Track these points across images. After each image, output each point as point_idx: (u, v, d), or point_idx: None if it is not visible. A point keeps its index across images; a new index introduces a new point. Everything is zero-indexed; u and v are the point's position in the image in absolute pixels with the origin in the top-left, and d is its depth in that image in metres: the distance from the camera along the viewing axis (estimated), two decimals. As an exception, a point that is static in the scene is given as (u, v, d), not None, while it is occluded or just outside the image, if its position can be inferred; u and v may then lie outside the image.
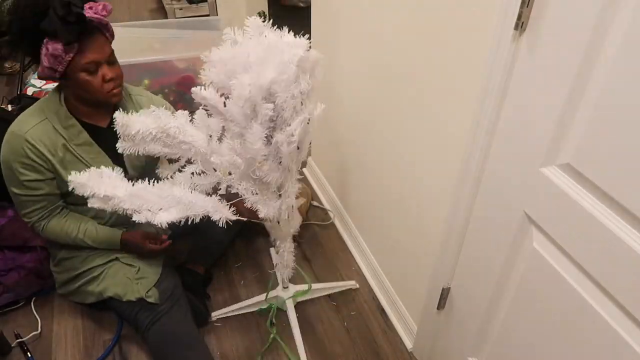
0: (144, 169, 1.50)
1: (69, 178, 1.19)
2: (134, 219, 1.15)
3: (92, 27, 1.22)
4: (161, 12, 4.06)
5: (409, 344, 1.62)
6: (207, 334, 1.63)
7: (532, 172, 0.91)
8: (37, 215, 1.40)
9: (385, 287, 1.73)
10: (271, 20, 1.08)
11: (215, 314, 1.68)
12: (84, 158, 1.39)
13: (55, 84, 1.37)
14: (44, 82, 2.58)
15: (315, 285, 1.72)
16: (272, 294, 1.66)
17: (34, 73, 2.70)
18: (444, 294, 1.34)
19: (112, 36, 1.31)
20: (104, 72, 1.29)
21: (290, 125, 1.06)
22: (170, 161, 1.39)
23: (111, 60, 1.31)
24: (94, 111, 1.38)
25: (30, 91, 2.47)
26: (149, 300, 1.43)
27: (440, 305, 1.37)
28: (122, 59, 1.40)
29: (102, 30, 1.26)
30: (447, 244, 1.25)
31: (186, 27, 3.14)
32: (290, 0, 4.18)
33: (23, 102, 2.18)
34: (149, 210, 1.16)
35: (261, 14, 3.28)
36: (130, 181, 1.35)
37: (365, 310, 1.74)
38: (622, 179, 0.75)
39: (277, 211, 1.25)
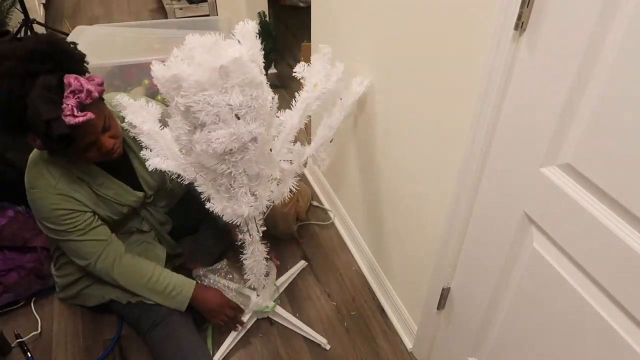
0: (159, 187, 1.52)
1: (116, 98, 1.26)
2: (142, 152, 1.32)
3: (73, 140, 1.12)
4: (161, 12, 4.06)
5: (409, 344, 1.62)
6: (206, 335, 1.63)
7: (532, 172, 0.91)
8: (96, 252, 1.36)
9: (385, 287, 1.73)
10: (259, 31, 1.03)
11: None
12: (109, 196, 1.38)
13: None
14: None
15: (283, 312, 1.67)
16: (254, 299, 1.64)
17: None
18: (444, 294, 1.34)
19: (101, 98, 1.19)
20: (100, 144, 1.22)
21: (210, 132, 1.00)
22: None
23: (106, 127, 1.22)
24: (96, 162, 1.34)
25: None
26: (148, 302, 1.43)
27: (440, 305, 1.37)
28: (122, 59, 1.40)
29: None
30: (447, 244, 1.25)
31: (186, 27, 3.13)
32: (290, 0, 4.18)
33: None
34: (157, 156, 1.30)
35: (261, 14, 3.26)
36: (149, 198, 1.50)
37: (365, 310, 1.74)
38: (622, 179, 0.75)
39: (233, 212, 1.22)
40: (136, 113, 1.31)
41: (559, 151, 0.85)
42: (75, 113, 1.09)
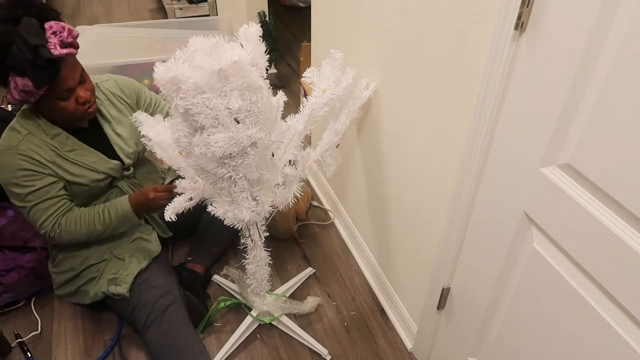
0: (138, 154, 1.53)
1: (135, 115, 1.31)
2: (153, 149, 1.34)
3: (59, 72, 1.19)
4: (161, 12, 4.06)
5: (409, 344, 1.62)
6: (206, 334, 1.63)
7: (532, 172, 0.91)
8: (51, 221, 1.37)
9: (385, 287, 1.73)
10: (262, 31, 1.03)
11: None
12: (79, 161, 1.39)
13: None
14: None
15: (287, 321, 1.65)
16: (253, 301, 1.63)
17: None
18: (444, 294, 1.34)
19: (77, 48, 1.25)
20: (77, 95, 1.28)
21: (209, 136, 1.00)
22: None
23: (82, 79, 1.29)
24: (71, 120, 1.36)
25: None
26: (119, 290, 1.45)
27: (440, 305, 1.37)
28: (122, 59, 1.41)
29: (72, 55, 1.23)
30: (447, 244, 1.25)
31: (186, 27, 3.14)
32: (290, 0, 4.18)
33: None
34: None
35: (261, 14, 3.26)
36: (128, 170, 1.52)
37: (365, 310, 1.74)
38: (622, 179, 0.75)
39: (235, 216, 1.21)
40: (149, 125, 1.34)
41: (559, 151, 0.85)
42: (59, 48, 1.17)
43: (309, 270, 1.85)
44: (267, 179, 1.17)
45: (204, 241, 1.79)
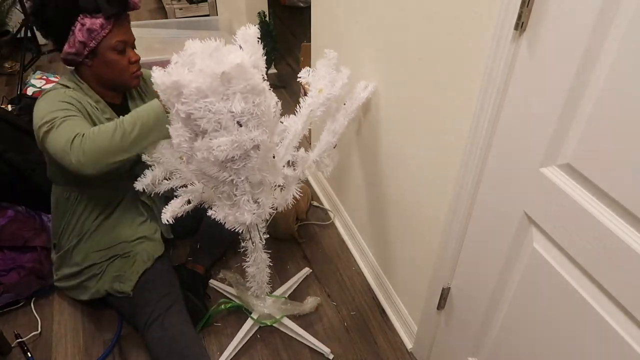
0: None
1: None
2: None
3: (126, 7, 1.29)
4: (161, 12, 4.07)
5: (409, 344, 1.62)
6: (207, 335, 1.63)
7: (532, 172, 0.91)
8: (78, 136, 1.24)
9: (385, 287, 1.73)
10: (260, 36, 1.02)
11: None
12: None
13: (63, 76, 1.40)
14: (44, 82, 2.58)
15: (289, 322, 1.64)
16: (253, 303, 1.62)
17: (33, 73, 2.70)
18: (444, 294, 1.34)
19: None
20: (130, 54, 1.36)
21: (211, 140, 0.99)
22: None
23: (134, 45, 1.39)
24: (109, 92, 1.42)
25: (30, 91, 2.47)
26: (123, 288, 1.45)
27: (440, 305, 1.37)
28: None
29: (129, 15, 1.34)
30: (447, 244, 1.25)
31: (186, 27, 3.14)
32: (290, 0, 4.18)
33: (23, 102, 2.18)
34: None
35: (261, 14, 3.26)
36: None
37: (365, 310, 1.74)
38: (622, 179, 0.75)
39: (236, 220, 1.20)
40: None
41: (559, 151, 0.85)
42: None
43: (306, 271, 1.85)
44: (269, 180, 1.16)
45: (204, 241, 1.79)
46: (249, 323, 1.61)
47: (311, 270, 1.85)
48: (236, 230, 1.22)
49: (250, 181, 1.12)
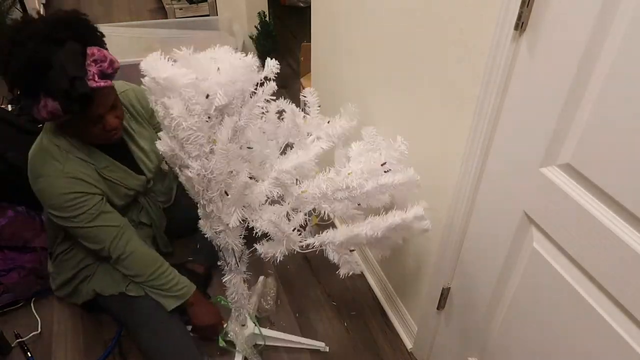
0: (157, 169, 1.52)
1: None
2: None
3: (90, 103, 1.14)
4: (161, 12, 4.06)
5: (409, 344, 1.62)
6: (209, 343, 1.62)
7: (532, 172, 0.91)
8: (110, 237, 1.34)
9: (385, 287, 1.73)
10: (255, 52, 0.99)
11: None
12: (113, 178, 1.38)
13: None
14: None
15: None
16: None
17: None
18: (444, 294, 1.34)
19: (116, 72, 1.23)
20: (105, 121, 1.24)
21: (191, 162, 0.96)
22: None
23: (113, 105, 1.26)
24: (94, 141, 1.34)
25: (30, 91, 2.46)
26: (130, 293, 1.43)
27: (440, 305, 1.37)
28: (122, 59, 1.40)
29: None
30: (447, 244, 1.25)
31: (186, 27, 3.14)
32: (290, 0, 4.18)
33: (23, 102, 2.18)
34: None
35: (261, 14, 3.26)
36: (149, 182, 1.47)
37: (365, 310, 1.74)
38: (622, 179, 0.75)
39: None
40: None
41: (559, 151, 0.85)
42: (97, 79, 1.14)
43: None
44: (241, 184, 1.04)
45: (204, 241, 1.79)
46: (238, 357, 1.52)
47: (327, 350, 1.63)
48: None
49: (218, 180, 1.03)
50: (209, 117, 0.94)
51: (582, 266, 0.85)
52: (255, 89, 0.99)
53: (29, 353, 1.54)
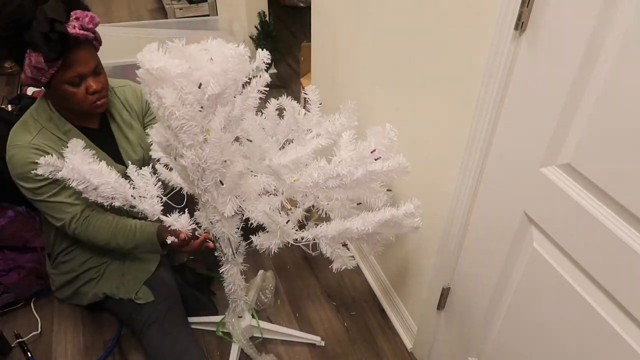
0: (143, 162, 1.51)
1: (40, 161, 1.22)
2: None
3: (77, 42, 1.19)
4: (161, 12, 4.06)
5: (409, 344, 1.62)
6: (207, 335, 1.63)
7: (532, 172, 0.91)
8: (70, 215, 1.34)
9: (385, 287, 1.73)
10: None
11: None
12: None
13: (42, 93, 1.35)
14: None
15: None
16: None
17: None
18: (444, 294, 1.34)
19: (100, 43, 1.27)
20: (87, 84, 1.26)
21: (185, 151, 0.98)
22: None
23: (97, 71, 1.29)
24: (82, 116, 1.35)
25: (30, 91, 2.47)
26: (139, 301, 1.43)
27: (440, 305, 1.37)
28: (122, 59, 1.40)
29: (89, 42, 1.23)
30: (447, 244, 1.25)
31: (186, 27, 3.14)
32: (290, 0, 4.18)
33: (23, 102, 2.18)
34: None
35: (261, 14, 3.26)
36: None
37: (365, 310, 1.74)
38: (622, 179, 0.75)
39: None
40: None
41: (559, 151, 0.85)
42: (77, 30, 1.18)
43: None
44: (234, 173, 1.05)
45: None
46: (234, 348, 1.54)
47: (323, 344, 1.66)
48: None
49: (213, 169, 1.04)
50: (202, 107, 0.95)
51: (582, 266, 0.85)
52: (249, 80, 1.00)
53: (29, 353, 1.54)
